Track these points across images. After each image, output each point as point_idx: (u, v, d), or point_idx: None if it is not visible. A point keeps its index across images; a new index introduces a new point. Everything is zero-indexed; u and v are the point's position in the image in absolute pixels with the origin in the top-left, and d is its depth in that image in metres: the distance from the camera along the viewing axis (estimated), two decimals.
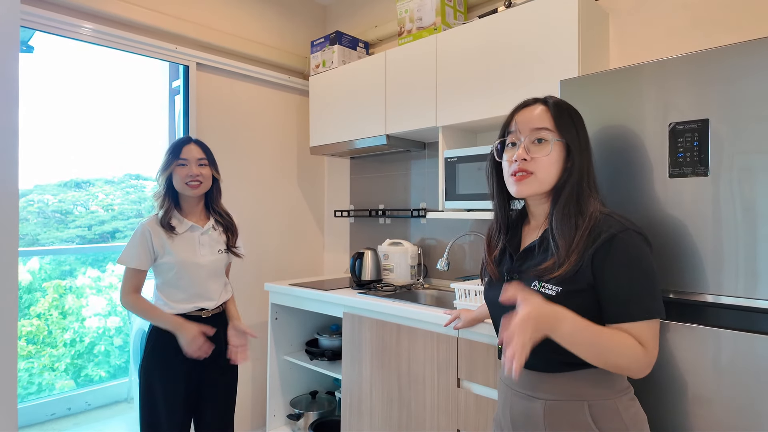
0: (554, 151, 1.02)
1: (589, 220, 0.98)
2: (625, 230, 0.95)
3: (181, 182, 1.66)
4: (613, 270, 0.94)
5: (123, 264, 1.64)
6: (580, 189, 1.01)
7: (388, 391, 1.97)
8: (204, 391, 1.73)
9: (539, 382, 1.02)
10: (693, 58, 1.16)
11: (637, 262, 0.94)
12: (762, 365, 1.04)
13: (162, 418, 1.63)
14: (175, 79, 2.58)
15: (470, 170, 1.98)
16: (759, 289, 1.06)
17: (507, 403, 1.10)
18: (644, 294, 0.93)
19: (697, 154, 1.15)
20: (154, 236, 1.64)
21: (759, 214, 1.06)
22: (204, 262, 1.69)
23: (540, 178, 1.02)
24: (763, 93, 1.06)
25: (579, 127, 1.05)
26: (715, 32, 1.67)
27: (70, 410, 3.13)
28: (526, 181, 1.03)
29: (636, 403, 1.02)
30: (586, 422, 0.96)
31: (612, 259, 0.94)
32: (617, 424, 0.96)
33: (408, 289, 2.35)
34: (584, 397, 0.97)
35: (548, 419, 0.99)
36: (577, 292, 0.96)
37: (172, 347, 1.63)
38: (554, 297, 0.97)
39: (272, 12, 2.87)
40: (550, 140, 1.02)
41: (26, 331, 3.22)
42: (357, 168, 2.98)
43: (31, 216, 3.53)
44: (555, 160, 1.02)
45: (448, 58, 2.07)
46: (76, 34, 2.11)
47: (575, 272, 0.96)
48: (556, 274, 0.97)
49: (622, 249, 0.94)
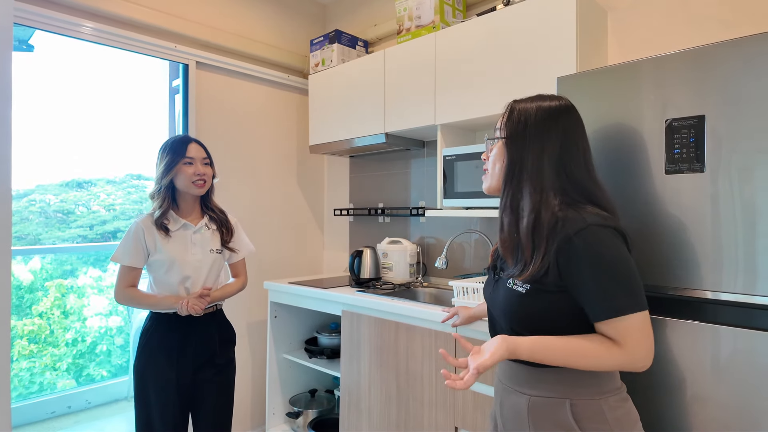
0: (497, 148, 1.10)
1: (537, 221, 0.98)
2: (586, 227, 0.93)
3: (187, 181, 1.66)
4: (577, 271, 0.93)
5: (116, 261, 1.65)
6: (518, 186, 1.03)
7: (386, 388, 1.97)
8: (201, 390, 1.72)
9: (526, 377, 1.03)
10: (690, 54, 1.16)
11: (599, 258, 0.92)
12: (761, 362, 1.04)
13: (155, 416, 1.62)
14: (175, 78, 2.58)
15: (469, 168, 1.98)
16: (758, 286, 1.05)
17: (498, 398, 1.11)
18: (612, 291, 0.91)
19: (693, 151, 1.14)
20: (147, 234, 1.64)
21: (757, 209, 1.06)
22: (193, 261, 1.68)
23: (490, 173, 1.12)
24: (759, 89, 1.05)
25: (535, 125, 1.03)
26: (713, 29, 1.67)
27: (70, 408, 3.14)
28: (485, 177, 1.14)
29: (627, 404, 1.00)
30: (567, 420, 0.95)
31: (573, 259, 0.93)
32: (600, 425, 0.94)
33: (407, 288, 2.35)
34: (566, 395, 0.97)
35: (532, 415, 1.00)
36: (546, 292, 0.97)
37: (164, 346, 1.64)
38: (524, 294, 1.00)
39: (272, 11, 2.87)
40: (493, 140, 1.11)
41: (28, 330, 3.23)
42: (356, 166, 2.98)
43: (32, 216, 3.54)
44: (497, 156, 1.10)
45: (447, 57, 2.07)
46: (77, 32, 2.11)
47: (542, 274, 0.97)
48: (524, 276, 0.99)
49: (581, 248, 0.92)
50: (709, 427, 1.11)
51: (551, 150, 1.02)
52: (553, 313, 0.97)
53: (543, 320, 0.98)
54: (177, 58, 2.45)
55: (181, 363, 1.65)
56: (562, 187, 1.01)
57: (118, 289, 1.65)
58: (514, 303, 1.01)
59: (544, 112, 1.05)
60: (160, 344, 1.64)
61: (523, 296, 1.00)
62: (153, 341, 1.65)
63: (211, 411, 1.74)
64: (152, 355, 1.64)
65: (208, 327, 1.73)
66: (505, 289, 1.05)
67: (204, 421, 1.73)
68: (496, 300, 1.09)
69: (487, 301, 1.16)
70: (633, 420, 1.00)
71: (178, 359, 1.65)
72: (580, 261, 0.93)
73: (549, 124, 1.04)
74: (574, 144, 1.04)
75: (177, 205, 1.71)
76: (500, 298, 1.07)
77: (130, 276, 1.65)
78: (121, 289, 1.65)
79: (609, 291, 0.91)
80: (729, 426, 1.08)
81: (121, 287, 1.65)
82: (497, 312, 1.09)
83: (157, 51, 2.37)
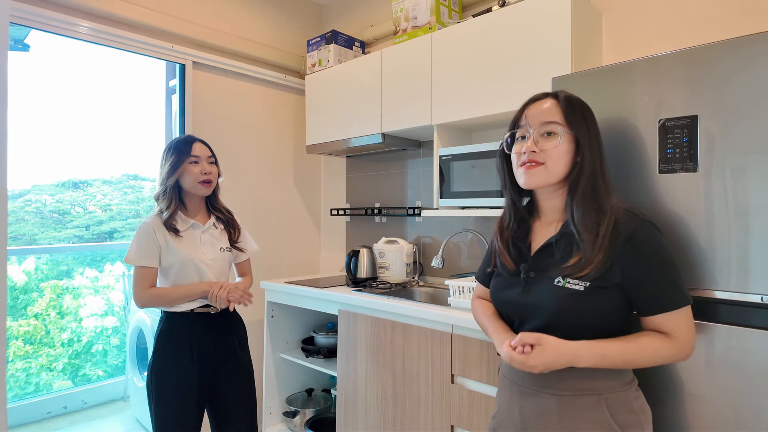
0: (563, 143, 1.02)
1: (610, 217, 0.98)
2: (643, 223, 0.97)
3: (193, 181, 1.64)
4: (639, 264, 0.96)
5: (131, 263, 1.60)
6: (595, 183, 1.01)
7: (382, 387, 1.98)
8: (225, 387, 1.70)
9: (551, 378, 0.99)
10: (683, 55, 1.17)
11: (660, 254, 0.97)
12: (754, 359, 1.05)
13: (175, 415, 1.59)
14: (172, 78, 2.58)
15: (465, 168, 1.99)
16: (751, 284, 1.06)
17: (514, 401, 1.07)
18: (671, 284, 0.96)
19: (687, 150, 1.15)
20: (158, 233, 1.61)
21: (750, 209, 1.07)
22: (206, 260, 1.67)
23: (550, 168, 1.03)
24: (751, 89, 1.07)
25: (590, 122, 1.05)
26: (706, 30, 1.68)
27: (66, 409, 3.13)
28: (535, 171, 1.03)
29: (641, 393, 1.03)
30: (603, 415, 0.96)
31: (636, 253, 0.96)
32: (629, 415, 0.97)
33: (403, 287, 2.36)
34: (600, 391, 0.97)
35: (563, 415, 0.98)
36: (605, 289, 0.97)
37: (183, 345, 1.61)
38: (582, 292, 0.97)
39: (269, 11, 2.87)
40: (559, 133, 1.02)
41: (23, 331, 3.22)
42: (353, 166, 2.99)
43: (28, 216, 3.53)
44: (564, 152, 1.02)
45: (443, 57, 2.07)
46: (73, 32, 2.11)
47: (604, 270, 0.96)
48: (585, 272, 0.96)
49: (644, 243, 0.96)
50: (703, 424, 1.12)
51: (601, 144, 1.06)
52: (607, 311, 0.98)
53: (595, 319, 0.98)
54: (174, 58, 2.45)
55: (201, 360, 1.63)
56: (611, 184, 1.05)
57: (138, 291, 1.59)
58: (570, 302, 0.98)
59: (586, 105, 1.08)
60: (179, 344, 1.61)
61: (580, 295, 0.97)
62: (172, 341, 1.61)
63: (240, 411, 1.72)
64: (172, 355, 1.60)
65: (226, 324, 1.72)
66: (554, 289, 1.00)
67: (234, 419, 1.71)
68: (535, 301, 1.03)
69: (511, 305, 1.09)
70: (648, 409, 1.03)
71: (198, 357, 1.62)
72: (641, 256, 0.96)
73: (593, 117, 1.07)
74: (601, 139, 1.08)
75: (184, 205, 1.69)
76: (545, 299, 1.01)
77: (149, 277, 1.61)
78: (142, 291, 1.59)
79: (668, 284, 0.96)
80: (723, 423, 1.09)
81: (142, 289, 1.60)
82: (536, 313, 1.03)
83: (153, 51, 2.37)
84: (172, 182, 1.64)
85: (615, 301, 0.98)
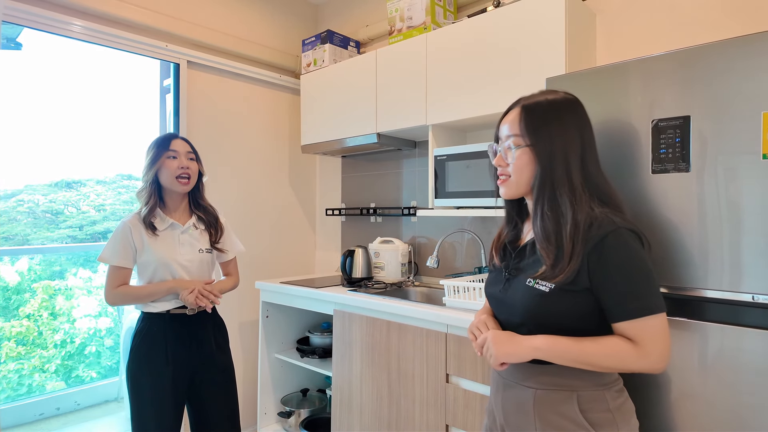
0: (523, 155, 1.04)
1: (576, 224, 0.97)
2: (616, 229, 0.95)
3: (170, 176, 1.63)
4: (607, 270, 0.95)
5: (105, 261, 1.61)
6: (552, 192, 1.01)
7: (378, 387, 1.98)
8: (205, 392, 1.69)
9: (530, 373, 1.04)
10: (676, 55, 1.18)
11: (629, 260, 0.95)
12: (747, 359, 1.06)
13: (151, 417, 1.60)
14: (166, 77, 2.57)
15: (460, 168, 1.99)
16: (743, 283, 1.07)
17: (498, 393, 1.12)
18: (638, 291, 0.94)
19: (679, 150, 1.16)
20: (134, 232, 1.61)
21: (742, 208, 1.08)
22: (182, 261, 1.66)
23: (515, 181, 1.07)
24: (743, 90, 1.07)
25: (556, 128, 1.02)
26: (699, 31, 1.70)
27: (59, 410, 3.11)
28: (506, 184, 1.10)
29: (624, 394, 1.03)
30: (574, 411, 0.98)
31: (604, 259, 0.95)
32: (604, 414, 0.98)
33: (398, 287, 2.36)
34: (573, 388, 0.99)
35: (538, 407, 1.02)
36: (572, 293, 0.97)
37: (158, 347, 1.61)
38: (547, 293, 0.99)
39: (263, 10, 2.87)
40: (515, 147, 1.06)
41: (15, 332, 3.19)
42: (348, 166, 2.99)
43: (21, 216, 3.50)
44: (525, 163, 1.04)
45: (438, 57, 2.08)
46: (66, 31, 2.10)
47: (572, 274, 0.97)
48: (556, 279, 0.98)
49: (613, 248, 0.95)
50: (696, 423, 1.12)
51: (574, 148, 1.02)
52: (573, 313, 0.98)
53: (563, 320, 0.99)
54: (168, 58, 2.44)
55: (176, 363, 1.63)
56: (587, 186, 1.02)
57: (108, 290, 1.62)
58: (536, 302, 1.01)
59: (558, 107, 1.05)
60: (153, 345, 1.61)
61: (546, 296, 0.99)
62: (146, 342, 1.62)
63: (221, 412, 1.71)
64: (146, 356, 1.61)
65: (204, 326, 1.70)
66: (525, 288, 1.04)
67: (215, 424, 1.70)
68: (511, 299, 1.08)
69: (495, 300, 1.14)
70: (630, 410, 1.03)
71: (174, 359, 1.62)
72: (610, 262, 0.95)
73: (566, 119, 1.04)
74: (589, 139, 1.05)
75: (164, 203, 1.68)
76: (518, 297, 1.05)
77: (121, 276, 1.62)
78: (111, 289, 1.61)
79: (636, 291, 0.94)
80: (716, 423, 1.10)
81: (112, 287, 1.61)
82: (511, 310, 1.07)
83: (147, 50, 2.35)
84: (151, 177, 1.64)
85: (582, 305, 0.98)
